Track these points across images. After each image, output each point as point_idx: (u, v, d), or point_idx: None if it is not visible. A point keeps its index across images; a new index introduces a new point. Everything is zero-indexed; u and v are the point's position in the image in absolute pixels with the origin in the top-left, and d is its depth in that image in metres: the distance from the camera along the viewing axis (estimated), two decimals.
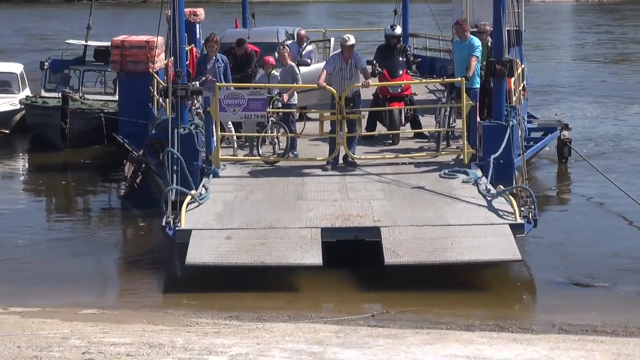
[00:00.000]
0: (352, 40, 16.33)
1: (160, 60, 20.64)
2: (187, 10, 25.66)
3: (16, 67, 26.51)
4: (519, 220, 13.44)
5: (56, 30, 56.73)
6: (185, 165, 14.68)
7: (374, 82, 18.74)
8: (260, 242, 12.98)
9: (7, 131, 24.88)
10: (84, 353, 8.76)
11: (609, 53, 48.32)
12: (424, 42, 29.93)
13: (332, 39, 24.11)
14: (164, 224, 13.53)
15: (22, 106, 23.94)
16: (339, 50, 16.63)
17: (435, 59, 28.67)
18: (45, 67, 25.00)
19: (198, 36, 24.48)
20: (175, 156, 14.77)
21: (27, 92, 25.54)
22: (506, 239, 13.04)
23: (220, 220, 13.70)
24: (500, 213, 13.80)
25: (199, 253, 12.79)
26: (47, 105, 22.99)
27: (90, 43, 25.69)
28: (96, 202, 19.37)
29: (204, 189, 15.20)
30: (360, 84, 16.38)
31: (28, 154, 23.98)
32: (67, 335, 9.67)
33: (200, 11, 26.04)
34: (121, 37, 20.81)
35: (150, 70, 19.59)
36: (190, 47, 22.54)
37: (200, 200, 14.46)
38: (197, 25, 25.62)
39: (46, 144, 23.38)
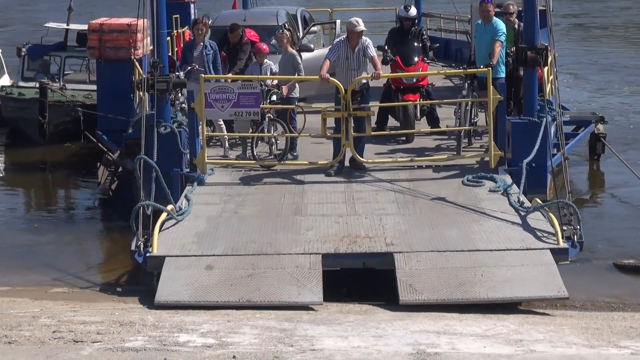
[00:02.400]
0: (361, 25, 13.73)
1: (145, 45, 18.01)
2: None
3: None
4: (562, 244, 10.90)
5: (32, 11, 53.80)
6: (161, 176, 12.16)
7: (385, 71, 16.27)
8: (248, 273, 10.45)
9: None
10: (54, 332, 8.59)
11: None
12: (438, 22, 27.40)
13: (338, 22, 21.47)
14: (133, 248, 11.03)
15: None
16: (345, 36, 14.06)
17: (451, 41, 26.15)
18: (23, 53, 22.25)
19: (193, 17, 22.13)
20: (152, 163, 12.26)
21: (6, 79, 22.99)
22: (548, 269, 10.48)
23: (200, 243, 11.16)
24: (538, 234, 11.22)
25: (172, 288, 10.27)
26: (23, 98, 20.40)
27: (72, 27, 22.95)
28: (70, 205, 17.11)
29: (185, 200, 12.74)
30: (369, 75, 13.84)
31: (3, 151, 21.32)
32: (37, 314, 9.50)
33: None
34: (100, 20, 18.21)
35: (132, 57, 17.05)
36: (182, 31, 20.10)
37: (179, 215, 12.00)
38: (192, 6, 23.25)
39: (24, 138, 20.84)
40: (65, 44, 22.68)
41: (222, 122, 14.90)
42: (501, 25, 14.58)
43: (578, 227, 11.22)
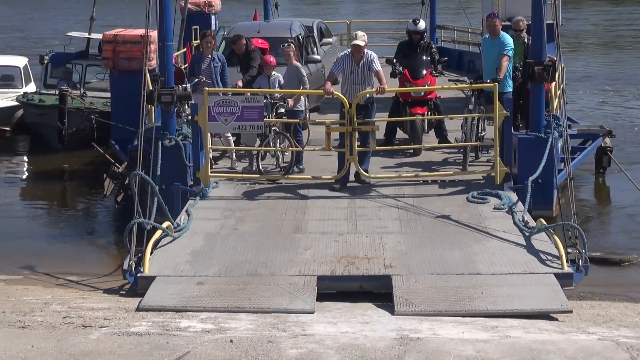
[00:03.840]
0: (360, 39, 12.63)
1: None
2: (202, 0, 22.47)
3: (20, 61, 22.94)
4: (567, 269, 9.72)
5: (48, 22, 53.07)
6: (157, 192, 11.10)
7: (394, 84, 15.17)
8: (240, 287, 9.39)
9: (8, 128, 21.49)
10: (64, 317, 8.59)
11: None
12: (452, 34, 26.24)
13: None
14: (125, 267, 9.99)
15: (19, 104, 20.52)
16: (349, 50, 12.95)
17: (464, 52, 25.00)
18: (46, 61, 21.36)
19: (214, 27, 21.14)
20: (148, 179, 11.20)
21: (32, 87, 22.08)
22: (552, 288, 9.33)
23: (194, 262, 10.08)
24: (542, 257, 10.05)
25: (159, 296, 9.24)
26: (43, 104, 19.44)
27: (93, 36, 21.98)
28: (83, 205, 16.26)
29: (185, 215, 11.70)
30: (374, 90, 12.73)
31: (25, 155, 20.51)
32: (49, 300, 9.46)
33: (216, 1, 22.65)
34: (114, 31, 17.20)
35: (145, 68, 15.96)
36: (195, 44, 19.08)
37: (177, 231, 10.96)
38: (214, 17, 22.25)
39: (44, 144, 19.92)
40: (87, 52, 21.72)
41: (229, 135, 13.85)
42: (508, 39, 13.41)
43: (583, 250, 10.05)
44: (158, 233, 10.47)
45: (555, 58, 13.15)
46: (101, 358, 7.50)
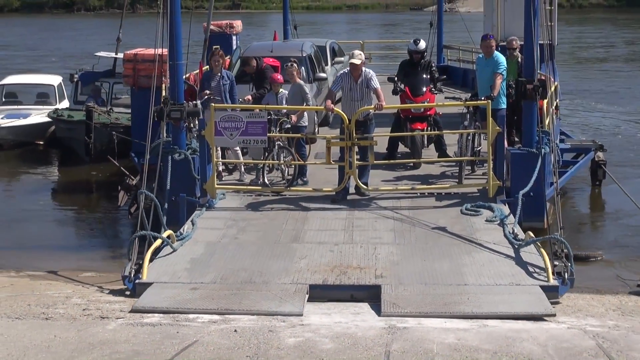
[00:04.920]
0: (357, 58, 12.20)
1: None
2: (223, 22, 22.17)
3: (54, 79, 22.80)
4: (552, 282, 9.20)
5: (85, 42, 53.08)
6: (159, 206, 10.72)
7: (395, 101, 14.73)
8: (232, 293, 8.97)
9: (42, 142, 21.32)
10: (84, 309, 8.69)
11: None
12: (457, 54, 25.76)
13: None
14: (125, 273, 9.63)
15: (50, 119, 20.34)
16: (348, 68, 12.53)
17: (468, 70, 24.45)
18: (75, 79, 21.19)
19: (234, 47, 20.83)
20: (152, 196, 10.83)
21: (65, 104, 21.90)
22: (536, 296, 8.84)
23: (192, 270, 9.66)
24: (530, 269, 9.54)
25: (152, 298, 8.86)
26: (72, 120, 19.27)
27: (120, 55, 21.72)
28: (105, 210, 16.06)
29: (190, 224, 11.31)
30: (372, 107, 12.29)
31: (56, 166, 20.42)
32: (70, 294, 9.56)
33: (238, 23, 22.33)
34: (134, 50, 16.87)
35: (164, 84, 15.63)
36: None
37: (180, 239, 10.57)
38: (234, 38, 21.92)
39: (74, 156, 19.73)
40: (114, 71, 21.42)
41: (238, 148, 13.47)
42: (502, 58, 12.94)
43: (569, 263, 9.54)
44: (157, 242, 10.07)
45: (550, 76, 12.67)
46: (117, 346, 7.53)
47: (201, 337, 7.72)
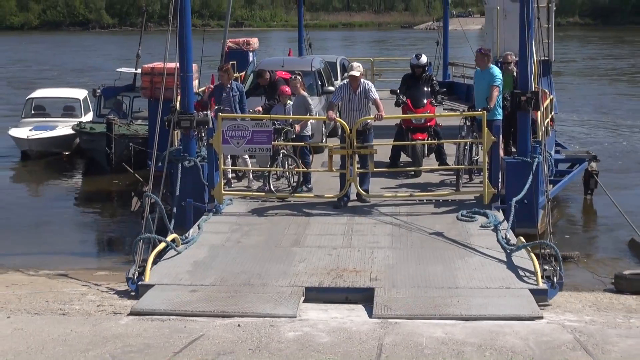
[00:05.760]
0: (356, 70, 11.99)
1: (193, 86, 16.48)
2: (241, 39, 22.09)
3: (80, 93, 22.77)
4: (541, 285, 8.91)
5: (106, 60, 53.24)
6: (164, 212, 10.54)
7: (398, 112, 14.50)
8: (230, 295, 8.73)
9: (68, 153, 21.28)
10: (98, 305, 8.77)
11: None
12: (461, 70, 25.51)
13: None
14: (129, 275, 9.43)
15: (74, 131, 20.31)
16: (347, 80, 12.30)
17: (471, 86, 24.10)
18: (98, 93, 21.17)
19: (250, 62, 20.81)
20: (158, 200, 10.64)
21: (90, 116, 21.83)
22: (525, 299, 8.56)
23: (194, 272, 9.43)
24: (520, 272, 9.26)
25: (151, 301, 8.64)
26: (94, 132, 19.24)
27: (139, 71, 21.65)
28: (121, 214, 16.05)
29: (196, 228, 11.11)
30: (372, 117, 12.06)
31: (80, 175, 20.33)
32: (85, 292, 9.64)
33: (254, 41, 22.30)
34: (151, 65, 16.74)
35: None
36: (240, 75, 18.67)
37: (185, 243, 10.36)
38: (251, 54, 21.86)
39: (96, 166, 19.67)
40: (134, 85, 21.33)
41: (247, 157, 13.28)
42: (497, 71, 12.69)
43: (558, 268, 9.24)
44: (161, 246, 9.89)
45: (546, 90, 12.40)
46: (129, 340, 7.56)
47: (207, 331, 7.73)
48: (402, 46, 60.16)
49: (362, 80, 12.01)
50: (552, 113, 15.15)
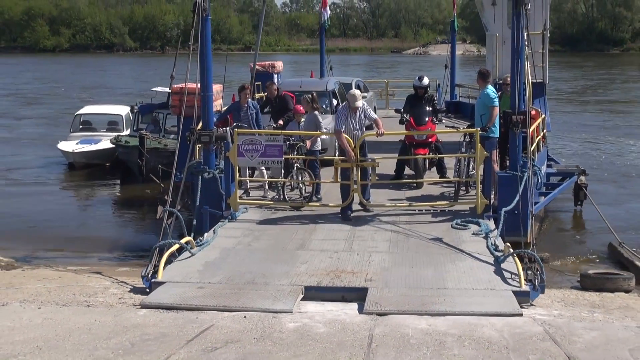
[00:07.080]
0: (360, 101, 12.01)
1: (217, 105, 16.58)
2: (267, 63, 22.22)
3: (122, 110, 23.09)
4: (524, 287, 8.81)
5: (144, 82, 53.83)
6: (182, 219, 10.60)
7: (402, 129, 14.49)
8: (233, 292, 8.72)
9: (108, 164, 21.54)
10: (120, 298, 8.91)
11: None
12: (467, 91, 25.44)
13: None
14: (144, 273, 9.47)
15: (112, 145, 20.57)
16: (346, 102, 12.32)
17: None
18: (135, 110, 21.49)
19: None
20: (175, 211, 10.72)
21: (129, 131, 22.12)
22: (507, 299, 8.44)
23: (204, 271, 9.42)
24: (506, 276, 9.17)
25: (160, 295, 8.66)
26: (128, 145, 19.52)
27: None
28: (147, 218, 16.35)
29: (212, 232, 11.15)
30: (374, 132, 12.05)
31: (117, 183, 20.65)
32: (108, 286, 9.77)
33: (279, 64, 22.35)
34: (181, 84, 16.88)
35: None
36: (263, 95, 18.78)
37: (199, 245, 10.41)
38: (276, 76, 21.95)
39: (131, 175, 19.96)
40: (168, 103, 21.50)
41: (263, 168, 13.33)
42: (490, 92, 12.63)
43: (539, 272, 9.13)
44: (175, 246, 9.93)
45: (539, 110, 12.29)
46: (147, 329, 7.71)
47: (216, 321, 7.86)
48: (393, 70, 60.36)
49: (361, 102, 12.06)
50: (544, 131, 15.04)
